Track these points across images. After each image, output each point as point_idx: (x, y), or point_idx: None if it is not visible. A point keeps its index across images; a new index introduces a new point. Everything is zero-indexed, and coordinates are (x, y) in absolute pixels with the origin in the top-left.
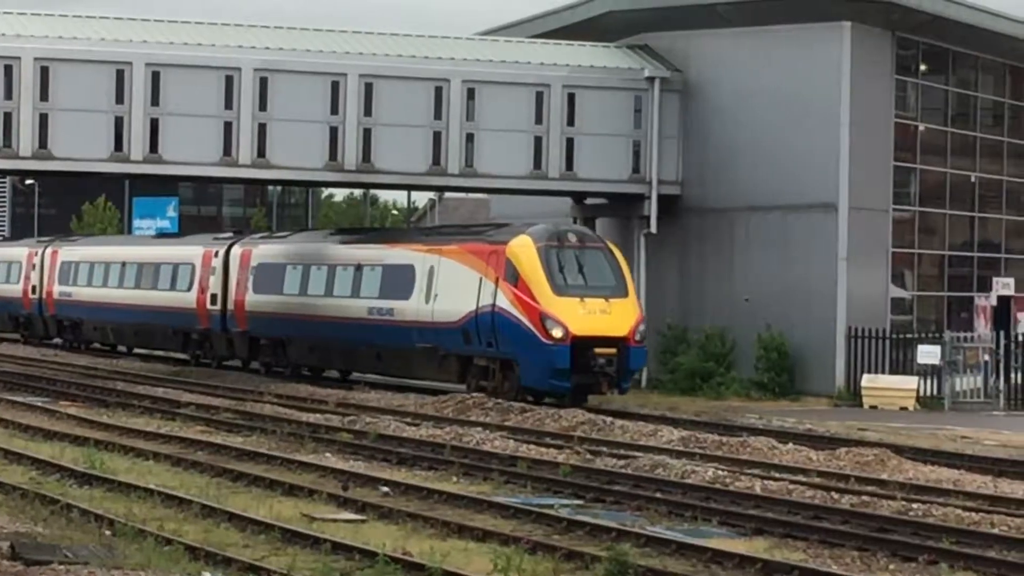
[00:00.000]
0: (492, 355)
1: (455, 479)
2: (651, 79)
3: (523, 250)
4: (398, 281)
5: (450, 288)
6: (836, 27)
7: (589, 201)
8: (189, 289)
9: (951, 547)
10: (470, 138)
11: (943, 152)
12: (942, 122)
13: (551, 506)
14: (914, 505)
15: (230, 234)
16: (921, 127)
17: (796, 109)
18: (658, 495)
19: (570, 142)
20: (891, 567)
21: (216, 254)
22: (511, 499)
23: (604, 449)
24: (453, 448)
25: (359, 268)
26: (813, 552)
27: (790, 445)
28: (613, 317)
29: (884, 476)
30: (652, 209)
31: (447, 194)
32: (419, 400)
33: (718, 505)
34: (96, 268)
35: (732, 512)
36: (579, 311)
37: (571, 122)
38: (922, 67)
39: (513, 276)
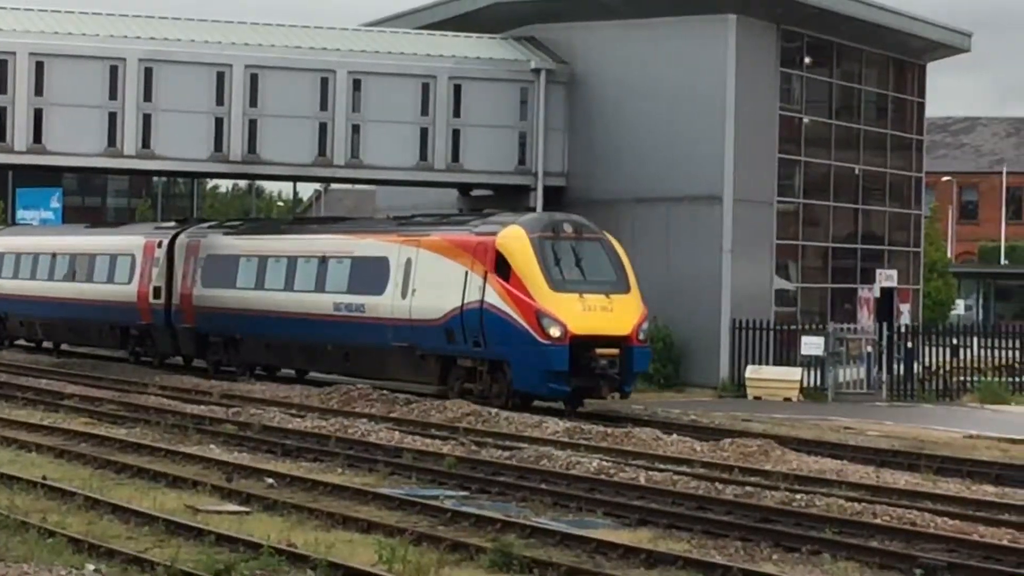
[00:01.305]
0: (480, 356)
1: (340, 470)
2: (537, 71)
3: (515, 242)
4: (370, 275)
5: (431, 283)
6: (721, 20)
7: (475, 193)
8: (129, 282)
9: (834, 537)
10: (356, 129)
11: (827, 145)
12: (826, 115)
13: (436, 497)
14: (797, 495)
15: (173, 223)
16: (806, 120)
17: (682, 101)
18: (543, 486)
19: (456, 134)
20: (774, 557)
21: (159, 244)
22: (396, 490)
23: (489, 440)
24: (338, 439)
25: (324, 260)
26: (697, 543)
27: (674, 436)
28: (615, 315)
29: (768, 467)
30: (538, 201)
31: (333, 185)
32: (304, 391)
33: (603, 496)
34: (23, 259)
35: (617, 503)
36: (578, 308)
37: (457, 114)
38: (807, 60)
39: (504, 270)
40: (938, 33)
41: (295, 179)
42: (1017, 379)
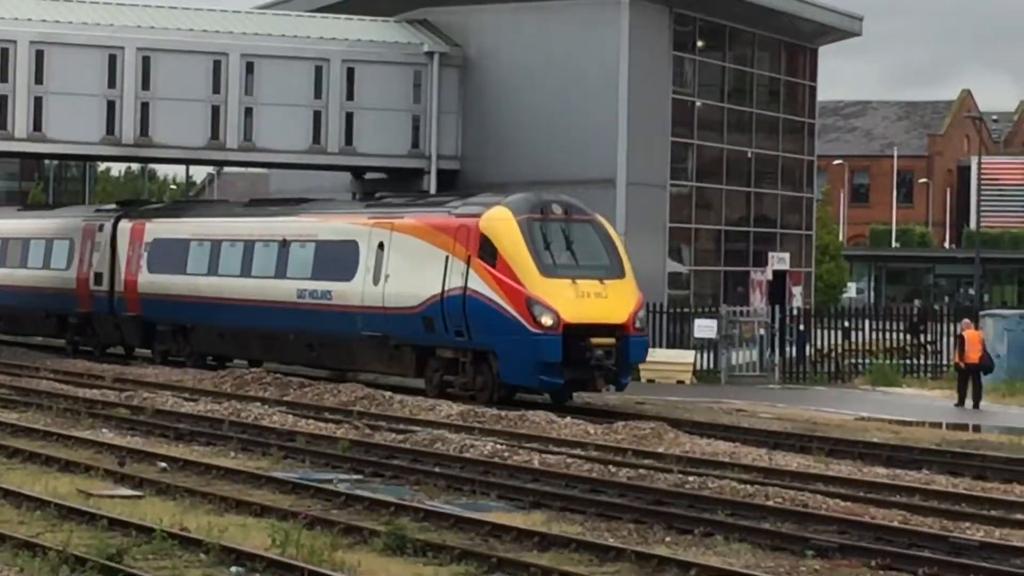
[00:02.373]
0: (462, 346)
1: (233, 454)
2: (430, 54)
3: (501, 224)
4: (337, 259)
5: (406, 268)
6: (614, 3)
7: (369, 176)
8: (67, 268)
9: (726, 519)
10: (249, 112)
11: (720, 128)
12: (719, 98)
13: (330, 481)
14: (690, 478)
15: (113, 205)
16: (698, 103)
17: (575, 85)
18: (437, 469)
19: (349, 117)
20: (667, 539)
21: (100, 228)
22: (290, 474)
23: (383, 424)
24: (232, 423)
25: (285, 244)
26: (590, 525)
27: (568, 419)
28: (610, 301)
29: (661, 449)
30: (432, 184)
31: (226, 169)
32: (198, 375)
33: (496, 479)
34: None
35: (510, 486)
36: (571, 295)
37: (350, 97)
38: (699, 43)
39: (490, 254)
40: (829, 17)
41: (188, 162)
42: (908, 361)
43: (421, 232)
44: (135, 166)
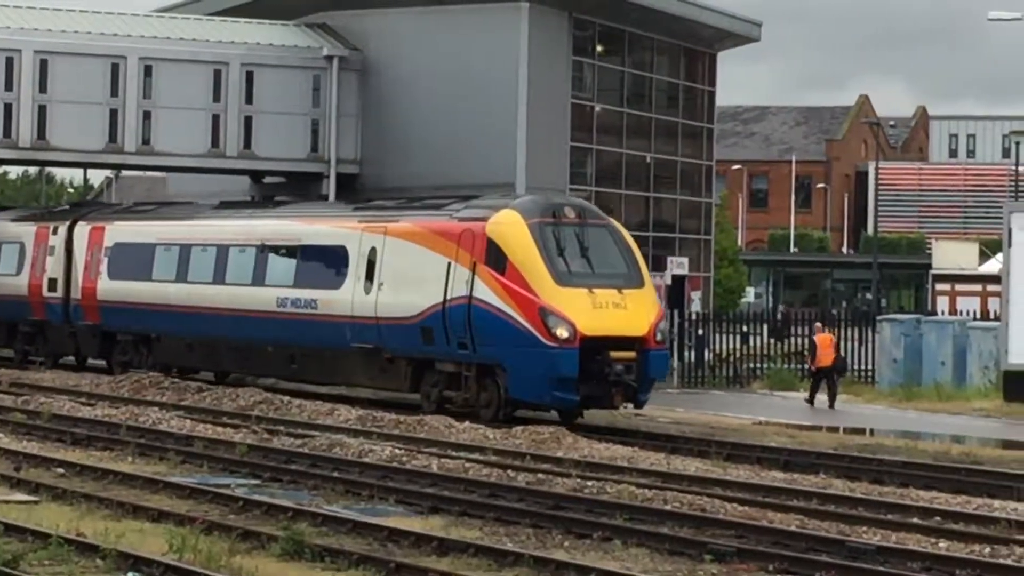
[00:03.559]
0: (466, 359)
1: (131, 459)
2: (329, 58)
3: (511, 228)
4: (323, 266)
5: (402, 275)
6: (514, 8)
7: (267, 180)
8: (17, 273)
9: (625, 524)
10: (147, 116)
11: (619, 133)
12: (618, 103)
13: (228, 486)
14: (589, 482)
15: (68, 207)
16: (597, 108)
17: (475, 89)
18: (335, 474)
19: (248, 120)
20: (566, 544)
21: (54, 231)
22: (187, 479)
23: (281, 428)
24: (129, 428)
25: (263, 249)
26: (489, 530)
27: (467, 423)
28: (629, 312)
29: (559, 454)
30: (331, 188)
31: (124, 172)
32: (95, 380)
33: (395, 484)
34: None
35: (409, 490)
36: (587, 305)
37: (249, 100)
38: (599, 48)
39: (498, 261)
40: (728, 22)
41: (86, 166)
42: (805, 366)
43: (419, 237)
44: (32, 169)
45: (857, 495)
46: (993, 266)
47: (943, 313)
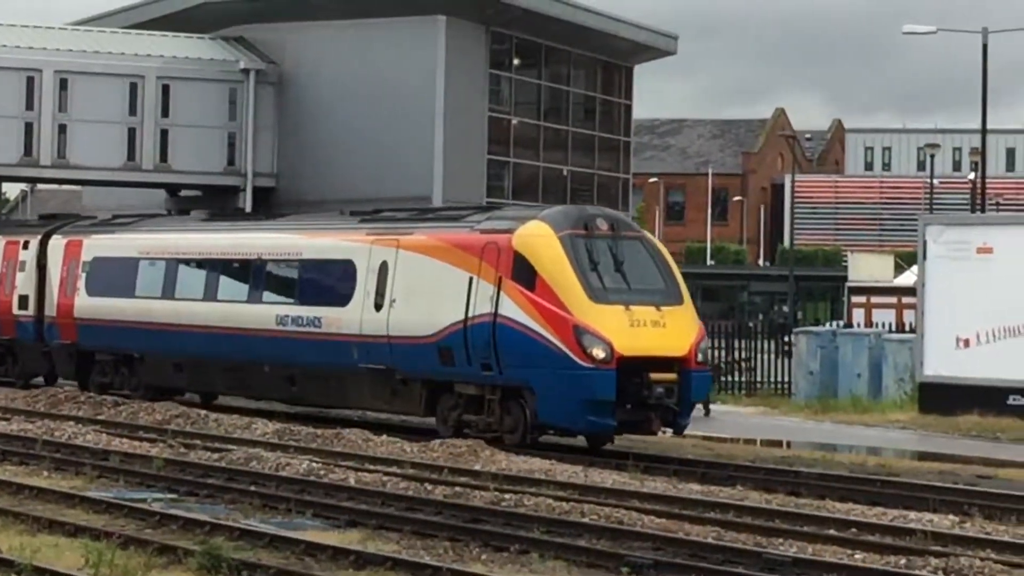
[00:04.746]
0: (490, 381)
1: (46, 474)
2: (246, 71)
3: (541, 240)
4: (328, 281)
5: (417, 291)
6: (431, 21)
7: (184, 193)
8: None
9: (542, 536)
10: (63, 129)
11: (536, 146)
12: (535, 116)
13: (144, 500)
14: (506, 495)
15: (40, 220)
16: (514, 121)
17: (392, 103)
18: (252, 488)
19: (164, 134)
20: (483, 557)
21: (26, 245)
22: (104, 493)
23: (198, 442)
24: (45, 443)
25: (261, 264)
26: (407, 543)
27: (384, 437)
28: (669, 331)
29: (477, 467)
30: (247, 201)
31: (39, 186)
32: (10, 394)
33: (313, 497)
34: None
35: (327, 504)
36: (625, 323)
37: (165, 114)
38: (516, 61)
39: (527, 276)
40: (645, 36)
41: (1, 179)
42: (723, 378)
43: (437, 250)
44: None
45: (774, 507)
46: (908, 278)
47: (859, 325)
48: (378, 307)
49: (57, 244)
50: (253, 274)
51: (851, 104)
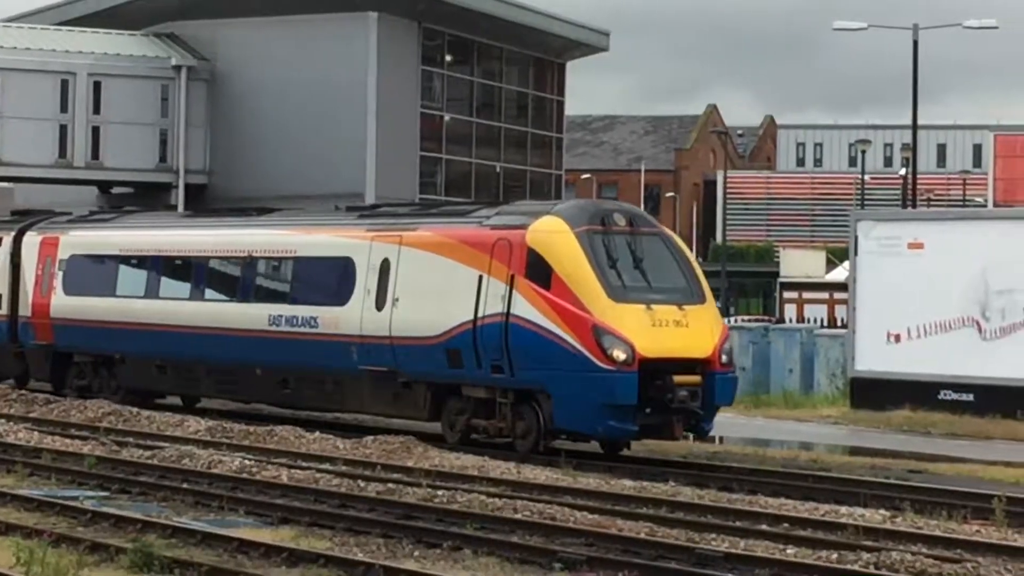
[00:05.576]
0: (501, 384)
1: None
2: (178, 67)
3: (557, 237)
4: (325, 279)
5: (422, 289)
6: (363, 17)
7: (116, 190)
8: None
9: (475, 533)
10: None
11: (468, 142)
12: (468, 112)
13: (76, 498)
14: (439, 492)
15: (11, 216)
16: (447, 117)
17: (324, 99)
18: (185, 485)
19: (96, 131)
20: (416, 554)
21: None
22: (35, 491)
23: (130, 440)
24: None
25: (252, 261)
26: (339, 540)
27: (317, 434)
28: (692, 331)
29: (410, 463)
30: (179, 198)
31: None
32: None
33: (245, 495)
34: None
35: (259, 501)
36: (647, 324)
37: (97, 110)
38: (448, 58)
39: (542, 274)
40: (577, 32)
41: None
42: None
43: (443, 247)
44: None
45: (706, 503)
46: (840, 274)
47: (791, 320)
48: (379, 306)
49: (32, 241)
50: (244, 272)
51: (783, 100)
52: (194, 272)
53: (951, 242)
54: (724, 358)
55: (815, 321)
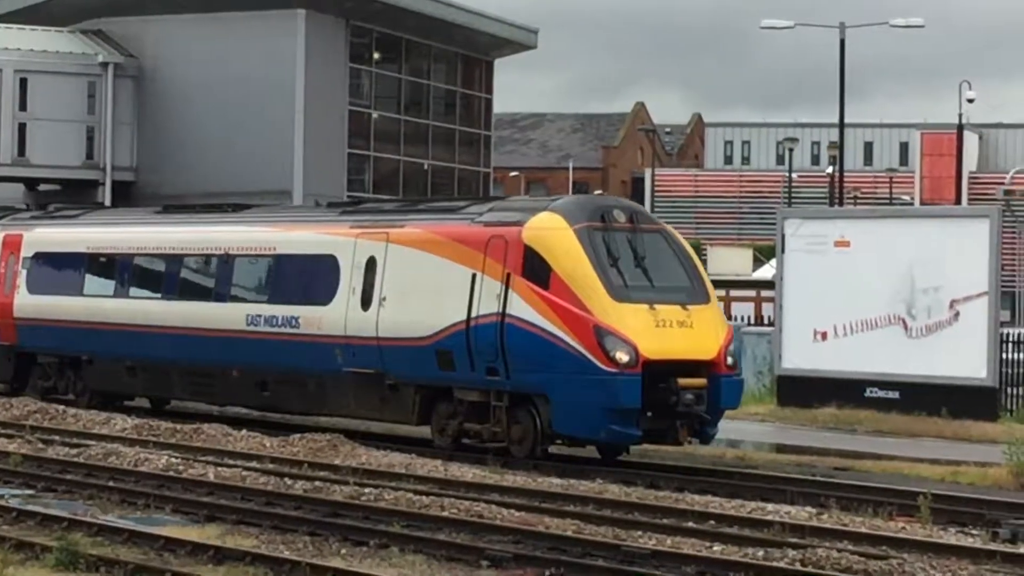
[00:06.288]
0: (496, 386)
1: None
2: (105, 64)
3: (555, 234)
4: (307, 278)
5: (411, 289)
6: (291, 15)
7: (43, 187)
8: None
9: (402, 531)
10: None
11: (396, 140)
12: (396, 110)
13: (1, 496)
14: (366, 490)
15: None
16: (375, 115)
17: (252, 96)
18: (111, 483)
19: (22, 127)
20: (343, 551)
21: None
22: None
23: (56, 438)
24: None
25: (228, 259)
26: (266, 538)
27: (244, 432)
28: (696, 332)
29: (337, 461)
30: (106, 195)
31: None
32: None
33: (171, 493)
34: None
35: (185, 499)
36: (650, 324)
37: (23, 107)
38: (376, 55)
39: (540, 272)
40: (505, 30)
41: None
42: None
43: (433, 245)
44: None
45: (633, 500)
46: (767, 272)
47: None
48: (365, 306)
49: None
50: (219, 271)
51: (711, 98)
52: (167, 270)
53: (878, 240)
54: (729, 360)
55: (742, 319)
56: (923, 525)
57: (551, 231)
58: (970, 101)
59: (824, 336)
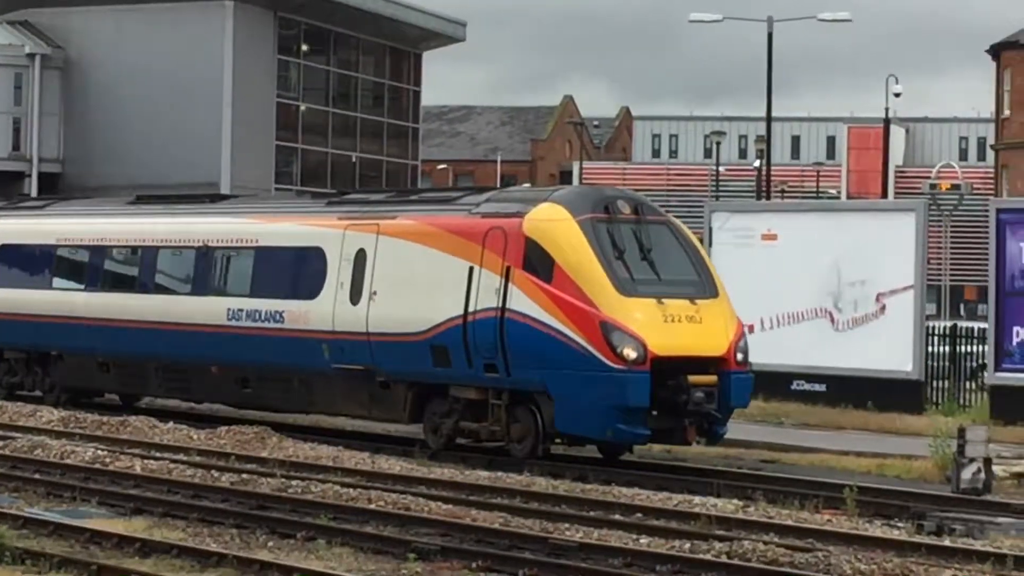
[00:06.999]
0: (495, 384)
1: None
2: (32, 55)
3: (558, 226)
4: (291, 271)
5: (404, 282)
6: (219, 6)
7: None
8: None
9: (329, 523)
10: None
11: (325, 132)
12: (324, 102)
13: None
14: (293, 482)
15: None
16: (303, 107)
17: (180, 88)
18: (37, 476)
19: None
20: (270, 544)
21: None
22: None
23: None
24: None
25: (207, 252)
26: (193, 531)
27: (171, 424)
28: (705, 328)
29: (264, 454)
30: (33, 187)
31: None
32: None
33: (98, 485)
34: None
35: (112, 492)
36: (658, 319)
37: None
38: (304, 47)
39: (542, 266)
40: (433, 22)
41: None
42: None
43: (427, 237)
44: None
45: (560, 492)
46: None
47: None
48: (354, 300)
49: None
50: (198, 264)
51: (638, 92)
52: (142, 263)
53: (804, 233)
54: (740, 356)
55: None
56: (849, 518)
57: (554, 222)
58: (897, 95)
59: (751, 329)
